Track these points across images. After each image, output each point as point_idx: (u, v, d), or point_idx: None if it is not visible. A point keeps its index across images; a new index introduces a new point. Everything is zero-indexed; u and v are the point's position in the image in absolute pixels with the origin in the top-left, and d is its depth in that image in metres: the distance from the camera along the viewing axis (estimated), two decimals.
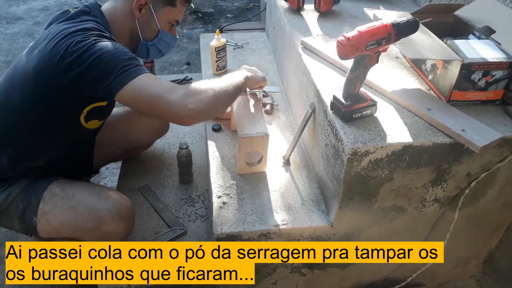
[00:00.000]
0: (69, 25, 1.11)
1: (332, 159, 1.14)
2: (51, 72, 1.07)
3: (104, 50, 1.04)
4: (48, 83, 1.08)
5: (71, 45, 1.04)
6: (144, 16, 1.24)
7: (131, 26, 1.25)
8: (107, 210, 1.17)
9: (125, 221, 1.20)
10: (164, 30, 1.30)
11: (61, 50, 1.04)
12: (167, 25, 1.30)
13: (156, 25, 1.27)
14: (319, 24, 1.63)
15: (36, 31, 3.51)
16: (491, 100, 1.15)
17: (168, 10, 1.26)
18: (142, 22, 1.25)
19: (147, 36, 1.29)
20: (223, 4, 4.18)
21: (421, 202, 1.20)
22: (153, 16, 1.25)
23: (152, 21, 1.25)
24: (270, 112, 1.61)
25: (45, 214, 1.18)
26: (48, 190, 1.20)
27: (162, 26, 1.28)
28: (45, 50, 1.08)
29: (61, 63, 1.04)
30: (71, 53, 1.03)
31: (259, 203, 1.25)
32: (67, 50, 1.04)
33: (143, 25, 1.25)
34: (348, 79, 1.08)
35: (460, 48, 1.13)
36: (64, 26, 1.11)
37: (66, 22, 1.14)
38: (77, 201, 1.18)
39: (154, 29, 1.28)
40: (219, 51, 1.82)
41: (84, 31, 1.08)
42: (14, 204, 1.19)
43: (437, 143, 1.05)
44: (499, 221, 1.33)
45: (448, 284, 1.51)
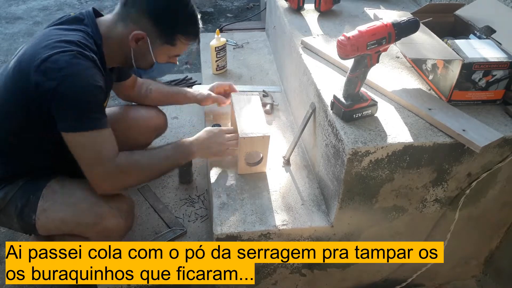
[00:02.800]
0: (57, 33, 1.09)
1: (333, 159, 1.14)
2: (27, 72, 1.04)
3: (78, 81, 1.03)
4: (22, 84, 1.06)
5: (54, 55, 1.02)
6: (141, 48, 1.18)
7: (126, 52, 1.19)
8: (107, 207, 1.17)
9: (126, 218, 1.20)
10: (161, 62, 1.25)
11: (43, 54, 1.03)
12: (165, 58, 1.24)
13: (152, 59, 1.21)
14: (319, 23, 1.63)
15: (36, 31, 3.50)
16: (492, 100, 1.15)
17: (167, 48, 1.20)
18: (137, 53, 1.19)
19: (141, 65, 1.24)
20: (223, 4, 4.18)
21: (422, 202, 1.20)
22: (149, 51, 1.18)
23: (148, 54, 1.19)
24: (270, 112, 1.61)
25: (45, 211, 1.18)
26: (48, 188, 1.19)
27: (158, 60, 1.23)
28: (25, 53, 1.08)
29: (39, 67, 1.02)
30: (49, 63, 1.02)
31: (259, 203, 1.24)
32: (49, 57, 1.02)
33: (138, 56, 1.20)
34: (348, 79, 1.08)
35: (461, 47, 1.12)
36: (53, 32, 1.10)
37: (57, 27, 1.13)
38: (78, 198, 1.18)
39: (149, 61, 1.23)
40: (219, 50, 1.82)
41: (70, 44, 1.06)
42: (12, 202, 1.19)
43: (437, 143, 1.05)
44: (499, 221, 1.33)
45: (448, 284, 1.51)
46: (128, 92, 1.56)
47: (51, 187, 1.20)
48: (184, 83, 2.19)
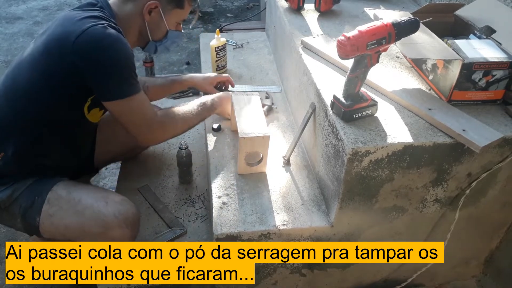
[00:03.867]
0: (79, 12, 1.14)
1: (333, 159, 1.14)
2: (61, 51, 1.08)
3: (117, 49, 1.09)
4: (55, 64, 1.10)
5: (89, 29, 1.06)
6: (154, 19, 1.28)
7: (140, 27, 1.28)
8: (113, 217, 1.17)
9: (131, 228, 1.21)
10: (172, 30, 1.34)
11: (76, 30, 1.07)
12: (174, 25, 1.35)
13: (165, 26, 1.31)
14: (319, 23, 1.63)
15: (36, 31, 3.51)
16: (492, 100, 1.15)
17: (176, 12, 1.31)
18: (152, 24, 1.29)
19: (156, 37, 1.33)
20: (223, 4, 4.18)
21: (422, 202, 1.20)
22: (162, 19, 1.29)
23: (161, 23, 1.30)
24: (266, 115, 1.60)
25: (50, 217, 1.18)
26: (53, 192, 1.19)
27: (170, 27, 1.33)
28: (54, 33, 1.11)
29: (75, 42, 1.06)
30: (86, 36, 1.06)
31: (259, 203, 1.24)
32: (84, 31, 1.06)
33: (153, 27, 1.30)
34: (348, 79, 1.08)
35: (461, 47, 1.12)
36: (73, 13, 1.14)
37: (73, 10, 1.17)
38: (84, 206, 1.18)
39: (163, 30, 1.32)
40: (219, 50, 1.82)
41: (96, 18, 1.11)
42: (18, 202, 1.19)
43: (437, 143, 1.05)
44: (499, 221, 1.33)
45: (448, 284, 1.51)
46: None
47: (56, 192, 1.19)
48: None
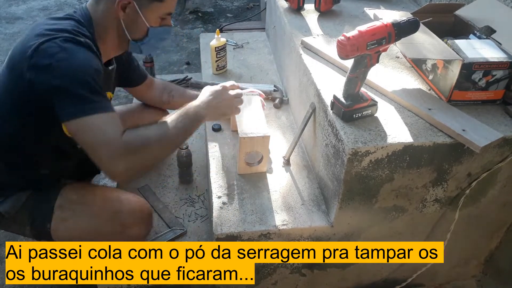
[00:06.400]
0: (46, 22, 1.07)
1: (333, 159, 1.14)
2: (21, 67, 1.00)
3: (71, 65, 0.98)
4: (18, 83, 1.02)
5: (44, 43, 0.98)
6: (130, 16, 1.12)
7: (117, 26, 1.14)
8: (130, 216, 1.17)
9: (147, 224, 1.22)
10: (154, 26, 1.17)
11: (33, 45, 0.98)
12: (157, 21, 1.17)
13: (144, 23, 1.14)
14: (319, 23, 1.63)
15: None
16: (492, 100, 1.15)
17: (156, 5, 1.13)
18: (128, 22, 1.14)
19: (135, 36, 1.17)
20: (223, 4, 4.18)
21: (422, 202, 1.20)
22: (139, 15, 1.12)
23: (139, 19, 1.13)
24: (279, 107, 1.62)
25: (64, 222, 1.17)
26: (62, 196, 1.18)
27: (151, 23, 1.15)
28: (16, 47, 1.04)
29: (28, 64, 0.98)
30: (41, 51, 0.98)
31: (259, 203, 1.24)
32: (37, 49, 0.98)
33: (130, 24, 1.14)
34: (348, 79, 1.08)
35: (461, 47, 1.12)
36: (40, 24, 1.06)
37: (47, 18, 1.11)
38: (99, 208, 1.18)
39: (142, 28, 1.15)
40: (219, 50, 1.82)
41: (60, 32, 1.02)
42: (24, 210, 1.17)
43: (437, 143, 1.05)
44: (499, 221, 1.33)
45: (448, 284, 1.51)
46: (142, 94, 1.55)
47: (67, 196, 1.18)
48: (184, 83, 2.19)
